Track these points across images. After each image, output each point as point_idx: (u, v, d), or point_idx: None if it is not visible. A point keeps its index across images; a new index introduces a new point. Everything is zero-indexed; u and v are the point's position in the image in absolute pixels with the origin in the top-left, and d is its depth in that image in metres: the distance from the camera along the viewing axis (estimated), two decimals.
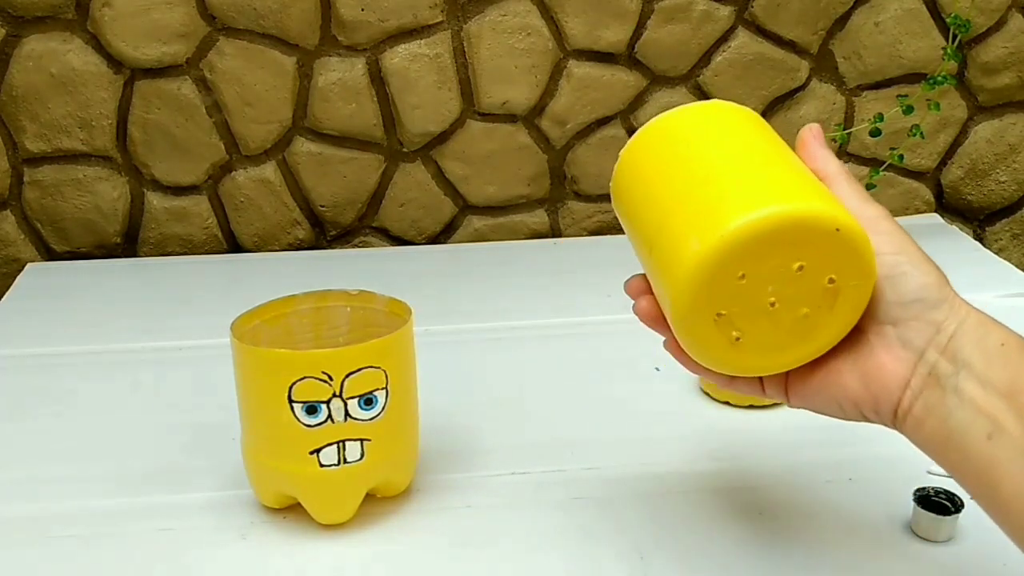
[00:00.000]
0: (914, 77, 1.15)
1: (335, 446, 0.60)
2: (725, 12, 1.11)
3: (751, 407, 0.78)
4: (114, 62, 1.07)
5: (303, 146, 1.12)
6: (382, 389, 0.61)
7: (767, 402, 0.78)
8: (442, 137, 1.13)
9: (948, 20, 1.08)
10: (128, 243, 1.15)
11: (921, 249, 0.52)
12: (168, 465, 0.73)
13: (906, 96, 1.11)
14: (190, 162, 1.12)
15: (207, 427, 0.77)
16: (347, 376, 0.59)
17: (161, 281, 1.08)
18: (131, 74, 1.08)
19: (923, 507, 0.62)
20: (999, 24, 1.15)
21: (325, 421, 0.60)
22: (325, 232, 1.17)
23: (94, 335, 0.94)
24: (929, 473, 0.68)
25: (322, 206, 1.15)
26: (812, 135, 0.57)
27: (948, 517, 0.62)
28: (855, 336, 0.54)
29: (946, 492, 0.63)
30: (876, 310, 0.53)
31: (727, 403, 0.78)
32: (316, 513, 0.64)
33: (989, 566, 0.60)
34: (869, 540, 0.63)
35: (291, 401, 0.59)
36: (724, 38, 1.13)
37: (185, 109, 1.09)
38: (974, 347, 0.50)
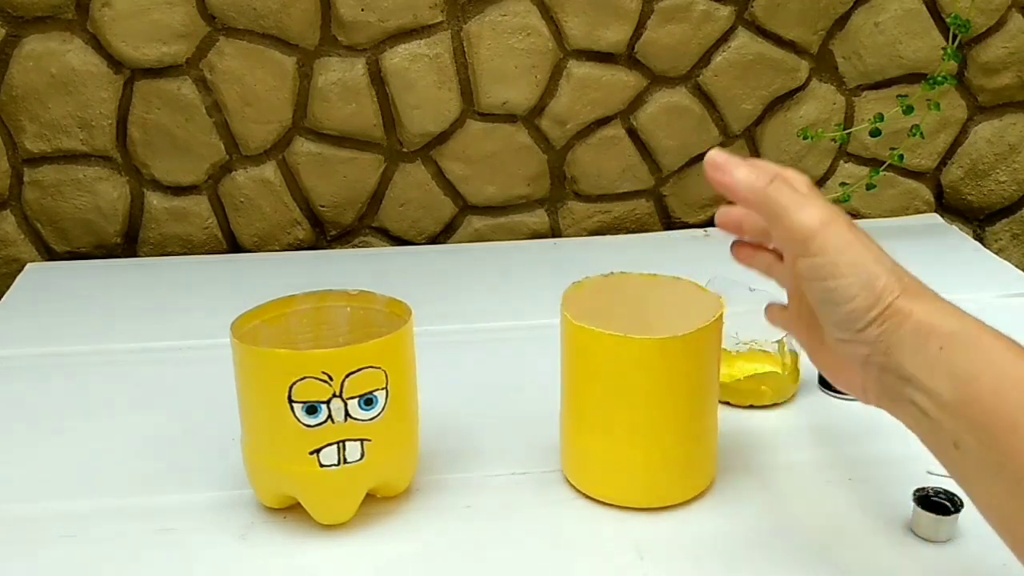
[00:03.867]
0: (914, 77, 1.15)
1: (335, 446, 0.60)
2: (725, 12, 1.11)
3: (751, 407, 0.78)
4: (114, 62, 1.07)
5: (303, 146, 1.12)
6: (382, 389, 0.61)
7: (766, 402, 0.78)
8: (442, 137, 1.13)
9: (948, 20, 1.08)
10: (128, 243, 1.15)
11: (863, 253, 0.50)
12: (168, 465, 0.73)
13: (906, 96, 1.11)
14: (190, 162, 1.12)
15: (207, 427, 0.77)
16: (347, 376, 0.59)
17: (161, 281, 1.08)
18: (131, 74, 1.08)
19: (923, 507, 0.62)
20: (999, 24, 1.15)
21: (325, 421, 0.59)
22: (325, 232, 1.17)
23: (94, 335, 0.94)
24: (929, 473, 0.68)
25: (322, 206, 1.15)
26: (714, 165, 0.54)
27: (948, 517, 0.62)
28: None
29: (946, 492, 0.63)
30: (825, 328, 0.54)
31: (727, 403, 0.78)
32: (316, 513, 0.64)
33: (989, 566, 0.60)
34: (869, 540, 0.63)
35: (291, 401, 0.59)
36: (724, 38, 1.13)
37: (185, 109, 1.09)
38: (913, 360, 0.49)
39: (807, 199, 0.51)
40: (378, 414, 0.61)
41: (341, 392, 0.59)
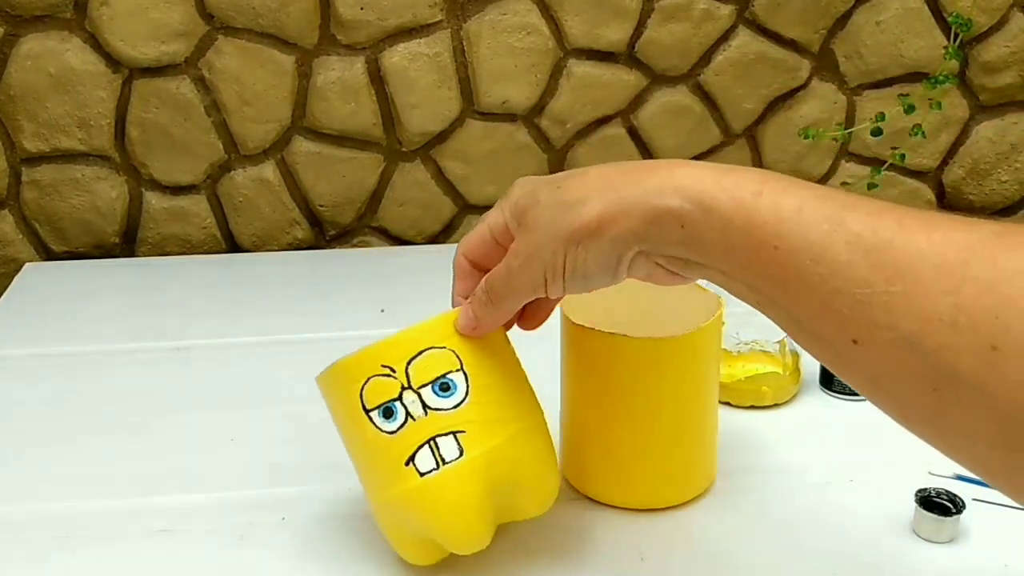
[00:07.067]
0: (915, 76, 1.15)
1: (427, 447, 0.54)
2: (726, 11, 1.11)
3: (751, 407, 0.78)
4: (112, 61, 1.07)
5: (302, 145, 1.12)
6: (457, 371, 0.55)
7: (767, 402, 0.78)
8: (441, 136, 1.13)
9: (949, 19, 1.08)
10: (126, 243, 1.15)
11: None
12: (167, 465, 0.72)
13: (907, 95, 1.11)
14: (189, 162, 1.11)
15: (206, 428, 0.77)
16: (409, 363, 0.54)
17: (160, 281, 1.07)
18: (129, 73, 1.08)
19: (925, 508, 0.62)
20: (1000, 23, 1.14)
21: (405, 421, 0.54)
22: (324, 232, 1.16)
23: (92, 335, 0.94)
24: (931, 474, 0.67)
25: (321, 206, 1.15)
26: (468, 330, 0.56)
27: (950, 518, 0.61)
28: None
29: (948, 493, 0.62)
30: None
31: (727, 403, 0.78)
32: (448, 541, 0.56)
33: (990, 567, 0.60)
34: (870, 541, 0.63)
35: (367, 413, 0.55)
36: (725, 37, 1.12)
37: (184, 108, 1.09)
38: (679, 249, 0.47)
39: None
40: (462, 400, 0.54)
41: (409, 382, 0.54)
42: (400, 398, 0.54)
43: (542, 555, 0.62)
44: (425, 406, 0.54)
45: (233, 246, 1.16)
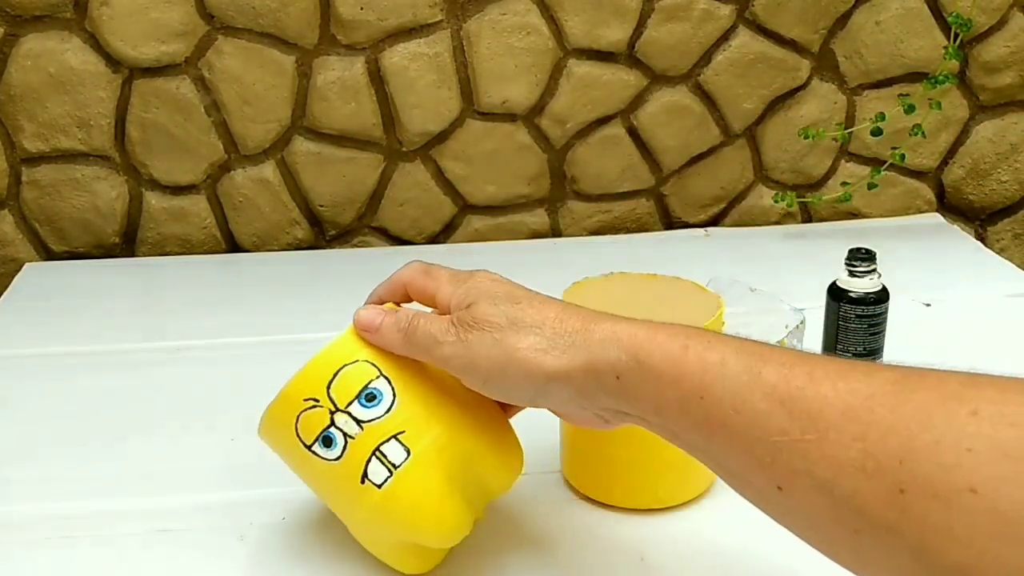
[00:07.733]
0: (915, 76, 1.15)
1: (374, 459, 0.54)
2: (726, 11, 1.11)
3: None
4: (112, 61, 1.07)
5: (302, 145, 1.12)
6: (378, 378, 0.55)
7: None
8: (441, 136, 1.13)
9: (949, 19, 1.08)
10: (126, 243, 1.15)
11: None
12: (167, 465, 0.72)
13: (907, 95, 1.11)
14: (188, 162, 1.11)
15: (206, 427, 0.77)
16: (328, 388, 0.54)
17: (160, 281, 1.07)
18: (129, 73, 1.08)
19: None
20: (1000, 23, 1.14)
21: (345, 443, 0.54)
22: (324, 232, 1.16)
23: (92, 335, 0.94)
24: None
25: (321, 206, 1.15)
26: (364, 328, 0.56)
27: None
28: None
29: None
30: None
31: None
32: (426, 538, 0.57)
33: None
34: None
35: (310, 449, 0.55)
36: (725, 37, 1.12)
37: (184, 108, 1.09)
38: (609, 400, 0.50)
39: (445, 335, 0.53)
40: (392, 403, 0.54)
41: (335, 406, 0.54)
42: (333, 423, 0.54)
43: (542, 555, 0.62)
44: (358, 422, 0.54)
45: (233, 246, 1.16)
